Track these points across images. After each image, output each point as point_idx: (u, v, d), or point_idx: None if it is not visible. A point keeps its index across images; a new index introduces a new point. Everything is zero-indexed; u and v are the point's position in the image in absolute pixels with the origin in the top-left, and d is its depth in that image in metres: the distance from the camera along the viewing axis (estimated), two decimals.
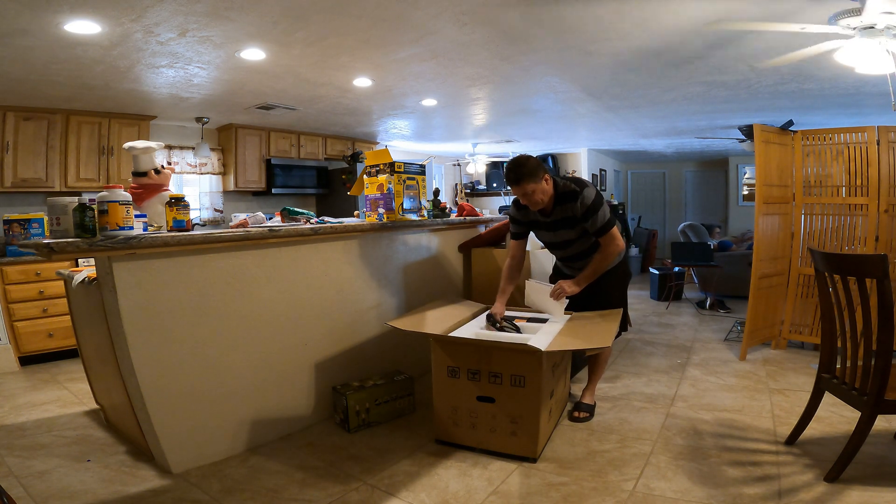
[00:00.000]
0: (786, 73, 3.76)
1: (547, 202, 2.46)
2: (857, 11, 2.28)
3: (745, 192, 9.05)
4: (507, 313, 2.71)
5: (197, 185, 5.50)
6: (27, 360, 3.85)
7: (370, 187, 3.10)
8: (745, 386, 3.10)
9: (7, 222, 3.75)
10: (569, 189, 2.45)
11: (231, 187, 5.49)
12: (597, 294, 2.64)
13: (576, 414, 2.65)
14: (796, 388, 3.02)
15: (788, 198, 3.84)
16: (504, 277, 2.69)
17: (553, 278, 2.93)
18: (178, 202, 2.25)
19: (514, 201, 2.61)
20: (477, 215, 3.88)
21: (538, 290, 2.69)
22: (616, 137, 7.02)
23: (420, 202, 3.16)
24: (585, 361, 2.96)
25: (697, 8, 2.57)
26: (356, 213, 3.80)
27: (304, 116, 5.11)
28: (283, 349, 2.54)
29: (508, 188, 9.62)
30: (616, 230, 2.47)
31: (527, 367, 2.17)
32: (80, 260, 3.50)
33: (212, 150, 5.38)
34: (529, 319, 2.60)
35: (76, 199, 1.94)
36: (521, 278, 2.77)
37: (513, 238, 2.73)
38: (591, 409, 2.69)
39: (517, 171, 2.35)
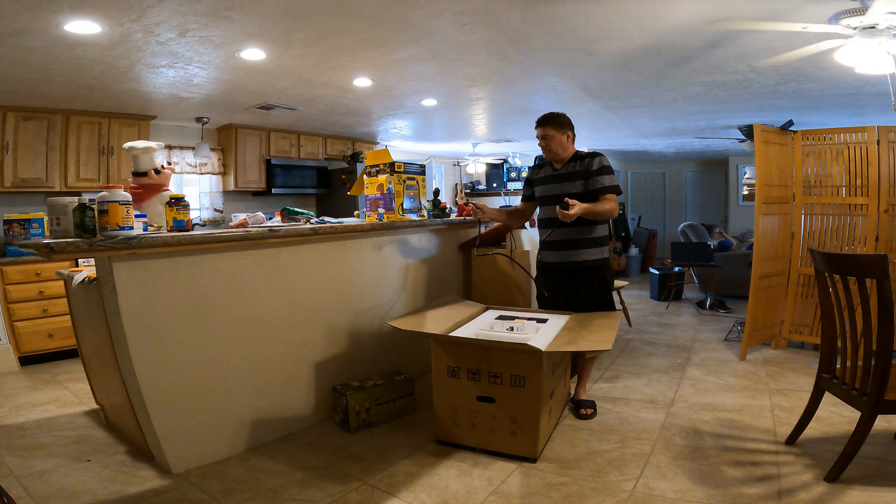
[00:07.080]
0: (786, 73, 3.76)
1: (562, 155, 2.71)
2: (860, 11, 2.28)
3: (745, 192, 9.05)
4: (507, 313, 2.71)
5: (197, 185, 5.50)
6: (27, 360, 3.85)
7: (370, 187, 3.10)
8: (745, 386, 3.11)
9: (7, 222, 3.76)
10: (590, 152, 2.72)
11: (231, 187, 5.49)
12: (590, 293, 2.72)
13: (582, 412, 2.67)
14: (796, 388, 3.02)
15: (788, 198, 3.84)
16: (502, 210, 3.14)
17: (539, 275, 2.93)
18: (178, 202, 2.24)
19: (534, 164, 2.98)
20: None
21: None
22: (616, 137, 7.02)
23: (420, 202, 3.16)
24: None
25: (698, 7, 2.56)
26: (356, 213, 3.79)
27: (304, 116, 5.10)
28: (283, 349, 2.54)
29: (508, 188, 9.50)
30: (616, 199, 2.62)
31: (527, 367, 2.17)
32: (80, 260, 3.50)
33: (212, 150, 5.38)
34: (529, 319, 2.59)
35: (76, 199, 1.93)
36: (514, 224, 3.26)
37: (522, 200, 3.03)
38: (594, 405, 2.73)
39: (547, 116, 2.70)
